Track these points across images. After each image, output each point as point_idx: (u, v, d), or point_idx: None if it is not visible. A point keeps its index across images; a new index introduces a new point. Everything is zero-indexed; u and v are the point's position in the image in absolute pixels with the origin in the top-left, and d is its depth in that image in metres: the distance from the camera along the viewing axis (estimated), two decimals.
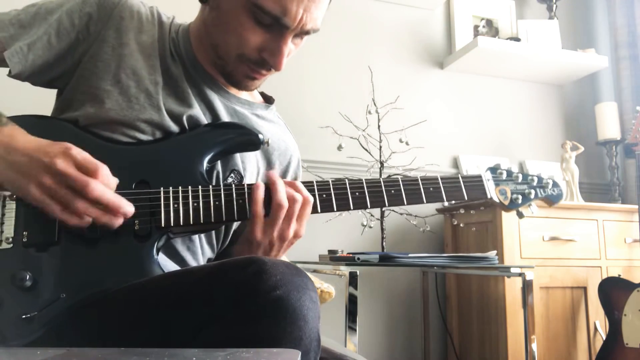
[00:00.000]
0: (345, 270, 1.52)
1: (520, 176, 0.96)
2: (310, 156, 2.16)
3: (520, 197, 0.95)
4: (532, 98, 2.64)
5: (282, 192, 0.76)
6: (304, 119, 2.21)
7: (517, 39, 2.41)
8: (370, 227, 1.92)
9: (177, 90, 0.85)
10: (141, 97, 0.82)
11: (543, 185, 0.97)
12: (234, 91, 0.93)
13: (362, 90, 2.16)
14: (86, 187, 0.65)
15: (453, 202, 2.07)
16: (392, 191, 0.85)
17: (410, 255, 1.61)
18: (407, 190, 0.86)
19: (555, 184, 0.98)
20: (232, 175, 0.88)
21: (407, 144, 1.99)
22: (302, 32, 0.81)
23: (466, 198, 0.89)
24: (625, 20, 2.60)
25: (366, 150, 2.00)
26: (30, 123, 0.76)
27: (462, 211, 2.03)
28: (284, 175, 0.99)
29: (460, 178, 0.91)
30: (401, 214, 1.99)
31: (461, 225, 2.06)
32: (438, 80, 2.49)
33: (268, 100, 1.02)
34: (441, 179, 0.89)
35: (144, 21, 0.88)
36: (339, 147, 1.88)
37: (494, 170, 0.96)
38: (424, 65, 2.49)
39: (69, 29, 0.82)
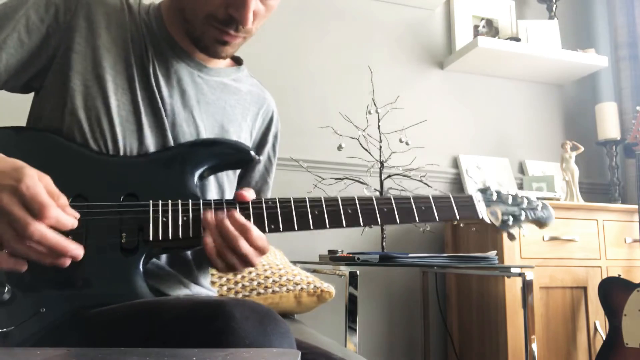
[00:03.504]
0: (345, 270, 1.52)
1: (511, 198, 0.96)
2: (310, 156, 2.15)
3: (511, 218, 0.94)
4: (532, 98, 2.64)
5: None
6: (304, 119, 2.21)
7: (517, 39, 2.41)
8: (370, 227, 1.91)
9: (150, 80, 0.84)
10: (118, 92, 0.81)
11: (533, 207, 0.96)
12: (210, 63, 0.92)
13: (362, 90, 2.16)
14: (25, 230, 0.59)
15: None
16: (385, 209, 0.83)
17: (410, 255, 1.61)
18: (400, 208, 0.84)
19: (544, 206, 0.97)
20: None
21: (407, 144, 1.99)
22: None
23: (458, 218, 0.88)
24: (625, 20, 2.60)
25: (366, 150, 1.99)
26: (8, 137, 0.73)
27: None
28: (266, 131, 1.00)
29: (451, 198, 0.89)
30: None
31: (461, 225, 2.06)
32: (438, 80, 2.49)
33: (237, 61, 1.01)
34: (433, 198, 0.87)
35: (112, 7, 0.86)
36: (339, 147, 1.88)
37: (484, 191, 0.95)
38: (424, 65, 2.48)
39: (38, 24, 0.80)
